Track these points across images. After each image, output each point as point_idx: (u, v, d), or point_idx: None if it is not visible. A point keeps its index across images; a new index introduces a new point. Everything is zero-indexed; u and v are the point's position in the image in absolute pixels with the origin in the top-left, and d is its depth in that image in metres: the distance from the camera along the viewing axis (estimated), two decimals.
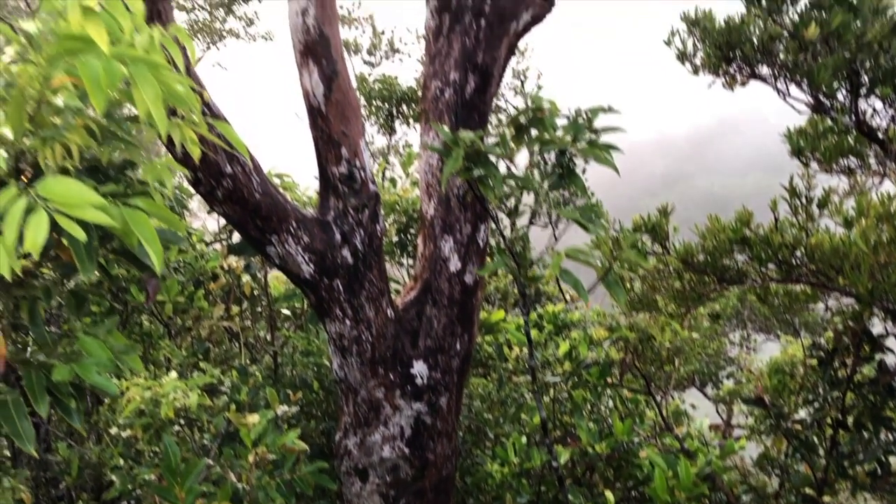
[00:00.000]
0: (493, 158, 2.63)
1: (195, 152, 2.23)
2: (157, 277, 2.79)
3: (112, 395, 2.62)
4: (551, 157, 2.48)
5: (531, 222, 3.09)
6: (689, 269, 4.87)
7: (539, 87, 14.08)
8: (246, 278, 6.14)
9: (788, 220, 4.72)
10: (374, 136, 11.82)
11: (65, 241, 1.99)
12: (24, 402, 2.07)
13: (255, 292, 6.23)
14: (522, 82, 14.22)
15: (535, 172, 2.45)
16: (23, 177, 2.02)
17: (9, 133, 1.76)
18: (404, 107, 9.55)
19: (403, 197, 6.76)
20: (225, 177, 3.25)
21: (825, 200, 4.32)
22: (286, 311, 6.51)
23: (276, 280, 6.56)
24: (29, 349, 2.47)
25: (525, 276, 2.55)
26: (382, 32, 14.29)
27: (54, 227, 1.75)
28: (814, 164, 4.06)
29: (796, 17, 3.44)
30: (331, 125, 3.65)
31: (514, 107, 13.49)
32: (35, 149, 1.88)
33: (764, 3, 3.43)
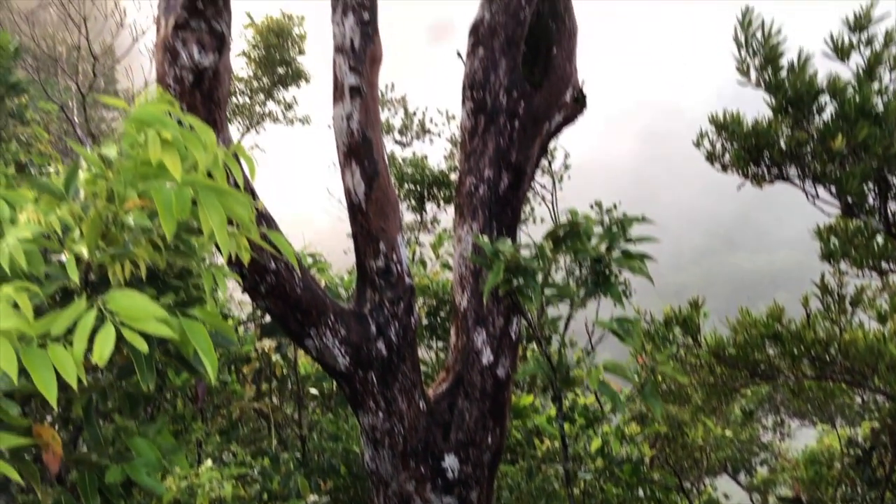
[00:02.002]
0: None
1: (246, 258, 2.36)
2: (206, 382, 2.88)
3: (159, 495, 2.68)
4: (587, 264, 2.57)
5: (566, 327, 3.14)
6: (721, 363, 4.86)
7: (567, 167, 14.32)
8: (276, 357, 6.24)
9: (821, 314, 4.73)
10: (403, 212, 12.06)
11: (125, 350, 2.09)
12: (75, 502, 2.15)
13: (285, 371, 6.31)
14: (550, 162, 14.48)
15: (571, 280, 2.54)
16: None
17: (84, 251, 1.90)
18: (435, 189, 9.78)
19: (434, 280, 6.87)
20: (269, 273, 3.38)
21: (858, 298, 4.34)
22: (314, 391, 6.56)
23: (306, 359, 6.64)
24: (78, 445, 2.56)
25: (561, 383, 2.61)
26: (414, 113, 14.72)
27: (117, 335, 1.86)
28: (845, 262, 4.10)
29: (821, 125, 3.55)
30: (370, 221, 3.79)
31: (540, 184, 13.72)
32: (104, 262, 2.01)
33: (790, 110, 3.55)
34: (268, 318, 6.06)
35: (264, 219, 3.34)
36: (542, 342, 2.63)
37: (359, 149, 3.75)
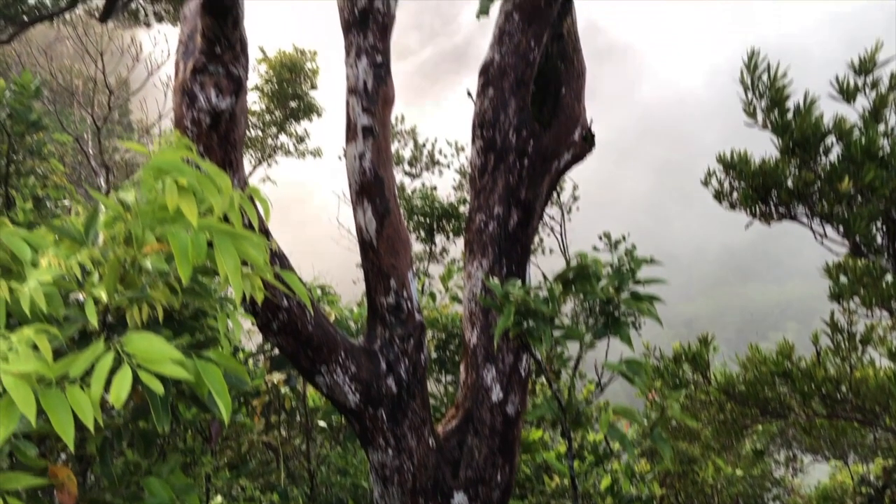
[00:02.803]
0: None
1: (259, 297, 2.40)
2: (220, 421, 2.90)
3: None
4: (596, 306, 2.59)
5: (576, 369, 3.15)
6: (731, 400, 4.84)
7: (576, 198, 14.38)
8: (285, 389, 6.25)
9: (831, 350, 4.71)
10: (412, 242, 12.13)
11: (140, 389, 2.13)
12: None
13: (294, 404, 6.32)
14: (558, 193, 14.55)
15: (580, 320, 2.56)
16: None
17: (103, 295, 1.94)
18: (444, 221, 9.85)
19: (443, 313, 6.89)
20: (281, 310, 3.42)
21: (868, 336, 4.32)
22: (322, 423, 6.56)
23: (314, 392, 6.64)
24: (87, 479, 2.58)
25: (571, 424, 2.61)
26: (423, 145, 14.87)
27: (133, 377, 1.89)
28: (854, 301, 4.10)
29: (828, 166, 3.58)
30: (381, 258, 3.83)
31: (549, 215, 13.76)
32: (122, 305, 2.05)
33: (797, 151, 3.59)
34: (277, 351, 6.10)
35: (278, 258, 3.38)
36: (551, 383, 2.64)
37: (371, 187, 3.80)
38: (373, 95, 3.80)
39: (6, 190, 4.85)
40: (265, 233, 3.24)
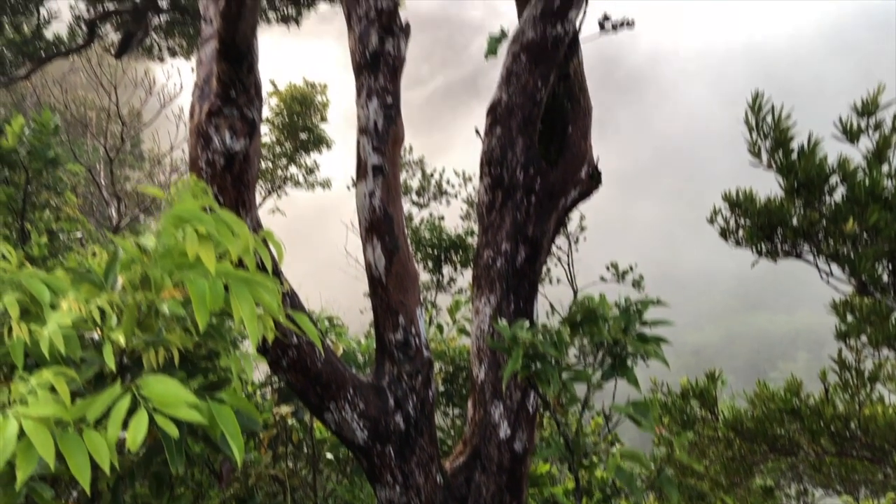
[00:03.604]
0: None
1: (270, 338, 2.44)
2: (232, 463, 2.93)
3: None
4: (604, 348, 2.62)
5: (583, 410, 3.16)
6: (739, 437, 4.83)
7: (583, 228, 14.43)
8: (292, 421, 6.26)
9: (839, 386, 4.71)
10: (420, 271, 12.17)
11: (153, 429, 2.16)
12: None
13: (301, 436, 6.32)
14: (565, 224, 14.60)
15: (588, 361, 2.59)
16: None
17: (121, 339, 1.99)
18: (452, 253, 9.91)
19: (450, 346, 6.91)
20: (291, 348, 3.46)
21: (876, 374, 4.32)
22: (329, 456, 6.55)
23: (321, 424, 6.64)
24: None
25: (579, 465, 2.63)
26: (431, 175, 14.98)
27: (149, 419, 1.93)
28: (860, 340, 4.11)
29: (833, 205, 3.62)
30: (390, 295, 3.88)
31: (556, 245, 13.79)
32: (139, 348, 2.10)
33: (802, 191, 3.63)
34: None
35: (288, 296, 3.44)
36: (559, 424, 2.66)
37: (380, 225, 3.86)
38: (383, 135, 3.88)
39: (22, 224, 4.94)
40: (278, 275, 3.29)
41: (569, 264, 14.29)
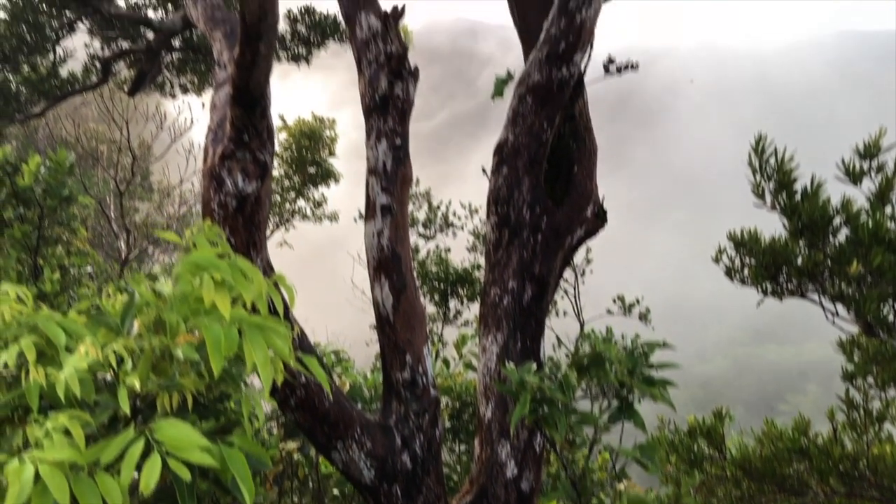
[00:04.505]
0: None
1: (280, 380, 2.48)
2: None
3: None
4: (610, 389, 2.65)
5: (591, 452, 3.18)
6: (747, 476, 4.80)
7: (589, 261, 14.45)
8: (298, 457, 6.25)
9: (848, 425, 4.69)
10: (426, 304, 12.18)
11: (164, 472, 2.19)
12: None
13: (307, 471, 6.31)
14: (571, 259, 14.60)
15: (595, 404, 2.61)
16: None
17: (137, 384, 2.03)
18: (458, 287, 9.94)
19: (457, 381, 6.91)
20: (299, 387, 3.48)
21: (884, 414, 4.31)
22: (336, 492, 6.53)
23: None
24: None
25: None
26: (438, 207, 15.05)
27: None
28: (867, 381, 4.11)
29: (837, 246, 3.65)
30: (397, 334, 3.91)
31: (564, 279, 13.78)
32: (153, 391, 2.14)
33: (806, 233, 3.67)
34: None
35: (298, 339, 3.48)
36: (566, 465, 2.67)
37: (388, 264, 3.91)
38: (391, 176, 3.95)
39: (35, 260, 5.02)
40: (288, 318, 3.34)
41: (575, 297, 14.27)
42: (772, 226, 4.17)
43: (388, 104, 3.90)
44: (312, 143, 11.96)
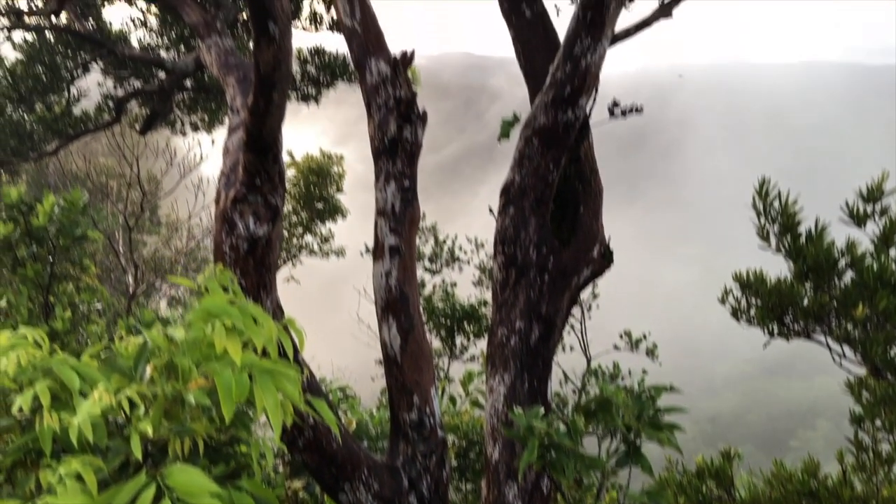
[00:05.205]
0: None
1: (290, 422, 2.50)
2: None
3: None
4: (617, 433, 2.65)
5: (598, 494, 3.17)
6: None
7: (595, 296, 14.44)
8: (303, 495, 6.22)
9: (857, 466, 4.65)
10: (432, 340, 12.15)
11: None
12: None
13: None
14: (578, 298, 14.59)
15: (602, 449, 2.62)
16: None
17: (149, 430, 2.05)
18: (465, 323, 9.94)
19: (463, 420, 6.88)
20: (307, 428, 3.50)
21: (893, 456, 4.28)
22: None
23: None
24: None
25: None
26: (444, 241, 15.10)
27: None
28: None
29: (843, 288, 3.67)
30: (405, 374, 3.93)
31: (570, 314, 13.76)
32: (165, 436, 2.16)
33: (811, 276, 3.69)
34: None
35: (307, 381, 3.50)
36: None
37: (396, 304, 3.95)
38: (400, 217, 4.00)
39: (46, 298, 5.07)
40: (298, 361, 3.36)
41: (582, 332, 14.23)
42: (783, 262, 4.20)
43: (396, 147, 3.97)
44: (320, 179, 12.08)
